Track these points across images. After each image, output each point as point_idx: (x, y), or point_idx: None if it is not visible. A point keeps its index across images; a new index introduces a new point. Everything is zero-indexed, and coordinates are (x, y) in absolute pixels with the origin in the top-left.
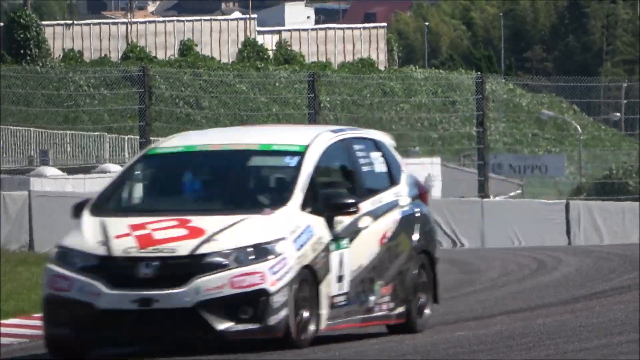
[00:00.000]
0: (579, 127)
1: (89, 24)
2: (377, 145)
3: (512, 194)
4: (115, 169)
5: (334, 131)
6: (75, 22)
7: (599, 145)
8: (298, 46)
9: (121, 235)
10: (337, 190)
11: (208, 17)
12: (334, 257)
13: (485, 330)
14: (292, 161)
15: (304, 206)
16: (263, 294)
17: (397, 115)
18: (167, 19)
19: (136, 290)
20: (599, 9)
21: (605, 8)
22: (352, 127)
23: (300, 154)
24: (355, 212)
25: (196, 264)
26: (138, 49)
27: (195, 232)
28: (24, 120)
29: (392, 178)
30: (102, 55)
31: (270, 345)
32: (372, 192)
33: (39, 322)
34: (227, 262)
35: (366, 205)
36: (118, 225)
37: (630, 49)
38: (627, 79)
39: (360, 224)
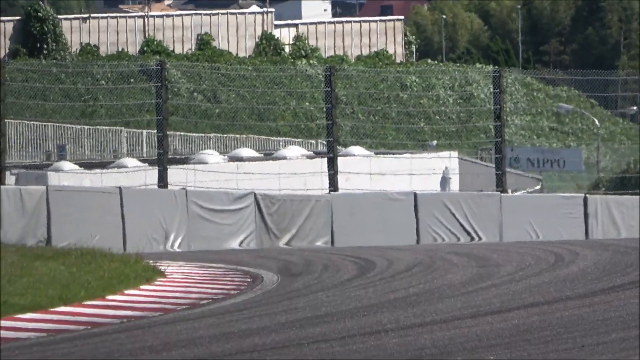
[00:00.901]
0: (597, 120)
1: (105, 18)
2: None
3: (530, 189)
4: (133, 164)
5: None
6: (92, 15)
7: (616, 139)
8: (315, 40)
9: None
10: None
11: (225, 11)
12: None
13: (502, 324)
14: None
15: None
16: None
17: (414, 109)
18: (184, 12)
19: None
20: (615, 2)
21: (622, 2)
22: None
23: None
24: None
25: None
26: (155, 42)
27: None
28: (41, 114)
29: None
30: (119, 49)
31: None
32: None
33: (55, 317)
34: None
35: None
36: None
37: None
38: None
39: None
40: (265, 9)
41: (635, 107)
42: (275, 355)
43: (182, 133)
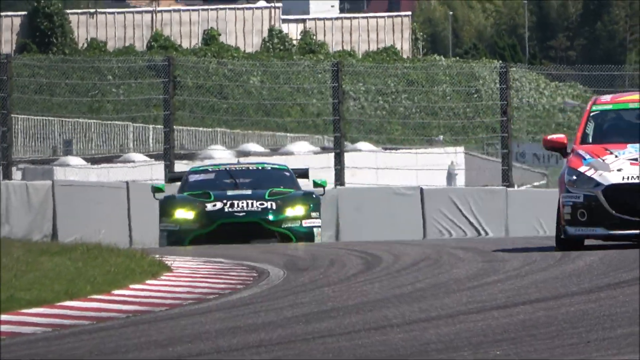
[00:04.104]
0: None
1: (113, 13)
2: None
3: (536, 183)
4: (140, 158)
5: None
6: (99, 10)
7: None
8: (322, 35)
9: None
10: None
11: (233, 6)
12: None
13: (508, 320)
14: None
15: None
16: None
17: (421, 105)
18: (191, 7)
19: None
20: None
21: None
22: None
23: None
24: None
25: None
26: (163, 38)
27: None
28: (48, 109)
29: None
30: (127, 44)
31: None
32: None
33: (61, 312)
34: None
35: None
36: None
37: None
38: None
39: None
40: (272, 4)
41: None
42: (282, 349)
43: (189, 128)
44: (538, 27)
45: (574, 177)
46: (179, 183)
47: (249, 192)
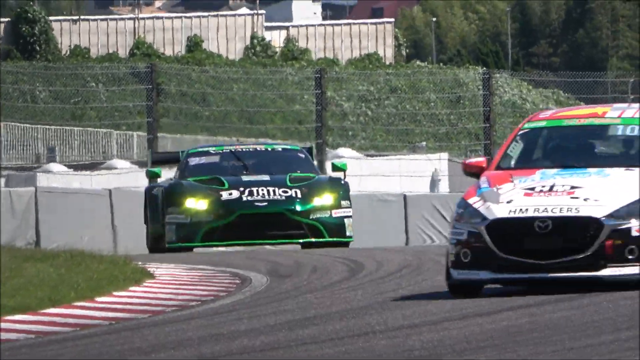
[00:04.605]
0: None
1: (96, 20)
2: None
3: None
4: (123, 165)
5: None
6: (82, 17)
7: None
8: (305, 42)
9: None
10: None
11: (215, 13)
12: None
13: (491, 326)
14: None
15: None
16: None
17: (404, 111)
18: (174, 15)
19: None
20: (603, 4)
21: (609, 4)
22: None
23: None
24: None
25: None
26: (145, 45)
27: None
28: (31, 116)
29: None
30: (110, 51)
31: None
32: None
33: (45, 318)
34: None
35: None
36: None
37: (636, 44)
38: (635, 74)
39: None
40: (255, 11)
41: None
42: (265, 356)
43: (173, 135)
44: (521, 33)
45: (461, 210)
46: (167, 167)
47: (266, 177)
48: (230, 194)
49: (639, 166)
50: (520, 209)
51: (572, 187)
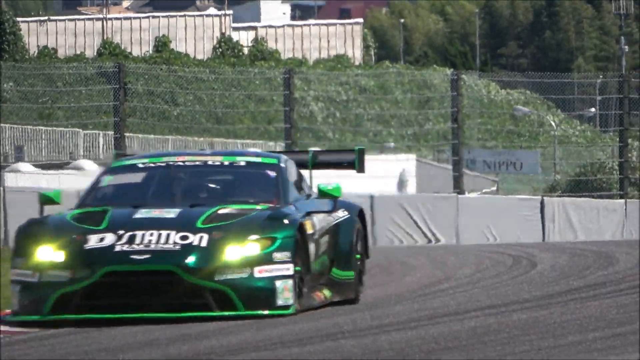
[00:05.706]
0: (554, 122)
1: (64, 20)
2: None
3: (486, 190)
4: (90, 166)
5: None
6: (50, 18)
7: (573, 141)
8: (274, 43)
9: None
10: None
11: (183, 14)
12: None
13: (459, 327)
14: None
15: None
16: None
17: (372, 112)
18: (142, 15)
19: None
20: (568, 6)
21: (573, 7)
22: None
23: None
24: None
25: None
26: (113, 45)
27: None
28: None
29: None
30: (77, 51)
31: None
32: None
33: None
34: None
35: None
36: None
37: (603, 45)
38: (602, 75)
39: None
40: (223, 12)
41: (593, 109)
42: (233, 357)
43: (140, 135)
44: (489, 34)
45: None
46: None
47: (174, 212)
48: (102, 239)
49: None
50: None
51: None
